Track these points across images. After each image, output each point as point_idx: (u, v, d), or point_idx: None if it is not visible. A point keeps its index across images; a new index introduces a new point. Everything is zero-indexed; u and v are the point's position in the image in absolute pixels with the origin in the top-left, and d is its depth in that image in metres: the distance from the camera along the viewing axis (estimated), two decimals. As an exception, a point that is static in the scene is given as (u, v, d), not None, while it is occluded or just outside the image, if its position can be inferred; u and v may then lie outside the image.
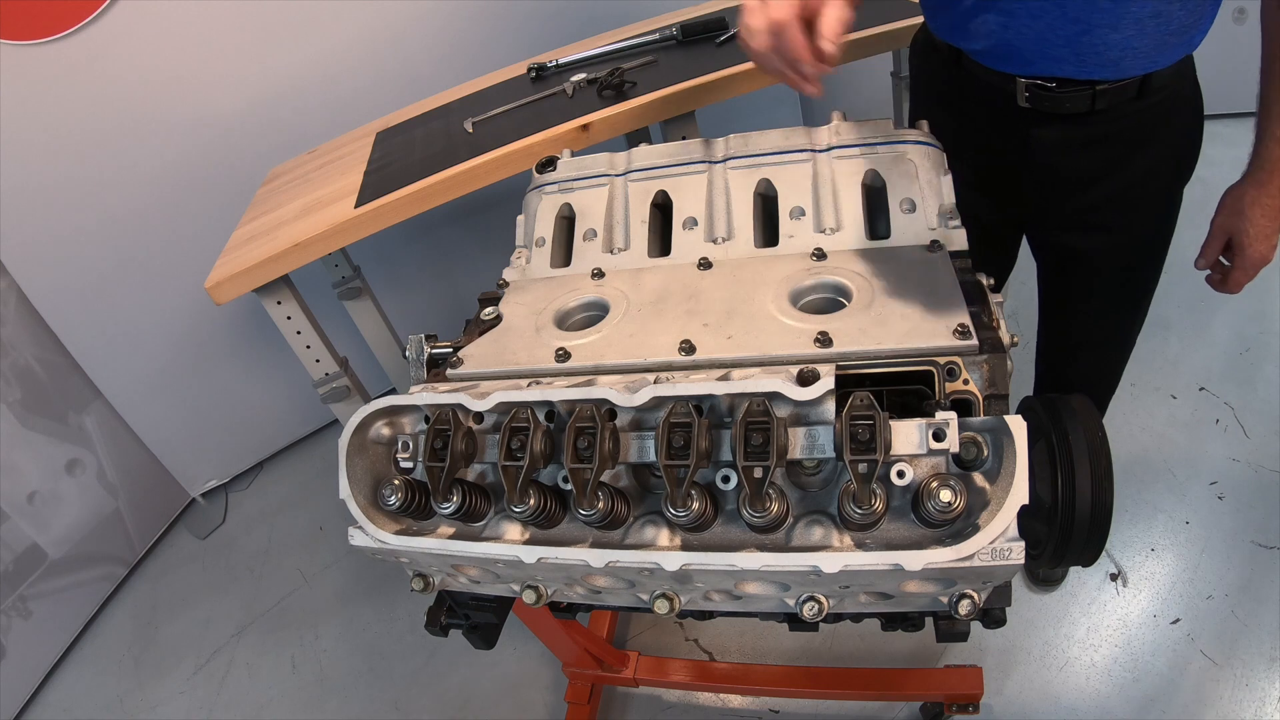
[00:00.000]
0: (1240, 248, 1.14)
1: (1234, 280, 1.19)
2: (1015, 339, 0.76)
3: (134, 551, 2.57)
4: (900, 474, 0.63)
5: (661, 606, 0.69)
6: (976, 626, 0.77)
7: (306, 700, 2.03)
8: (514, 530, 0.74)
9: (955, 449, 0.61)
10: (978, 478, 0.63)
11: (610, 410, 0.69)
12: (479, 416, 0.74)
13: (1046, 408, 0.72)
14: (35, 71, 1.97)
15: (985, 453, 0.63)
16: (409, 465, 0.77)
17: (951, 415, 0.62)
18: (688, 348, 0.79)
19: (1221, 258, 1.21)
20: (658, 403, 0.67)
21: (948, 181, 0.92)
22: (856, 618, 0.81)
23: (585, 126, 1.55)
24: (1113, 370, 1.49)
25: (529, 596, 0.74)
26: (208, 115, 2.19)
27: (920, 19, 1.26)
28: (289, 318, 1.66)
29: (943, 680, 1.57)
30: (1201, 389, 2.13)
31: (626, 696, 1.83)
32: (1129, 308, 1.37)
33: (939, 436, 0.61)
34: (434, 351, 0.92)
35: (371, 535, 0.74)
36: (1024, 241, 1.41)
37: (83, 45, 1.98)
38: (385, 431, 0.79)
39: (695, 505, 0.66)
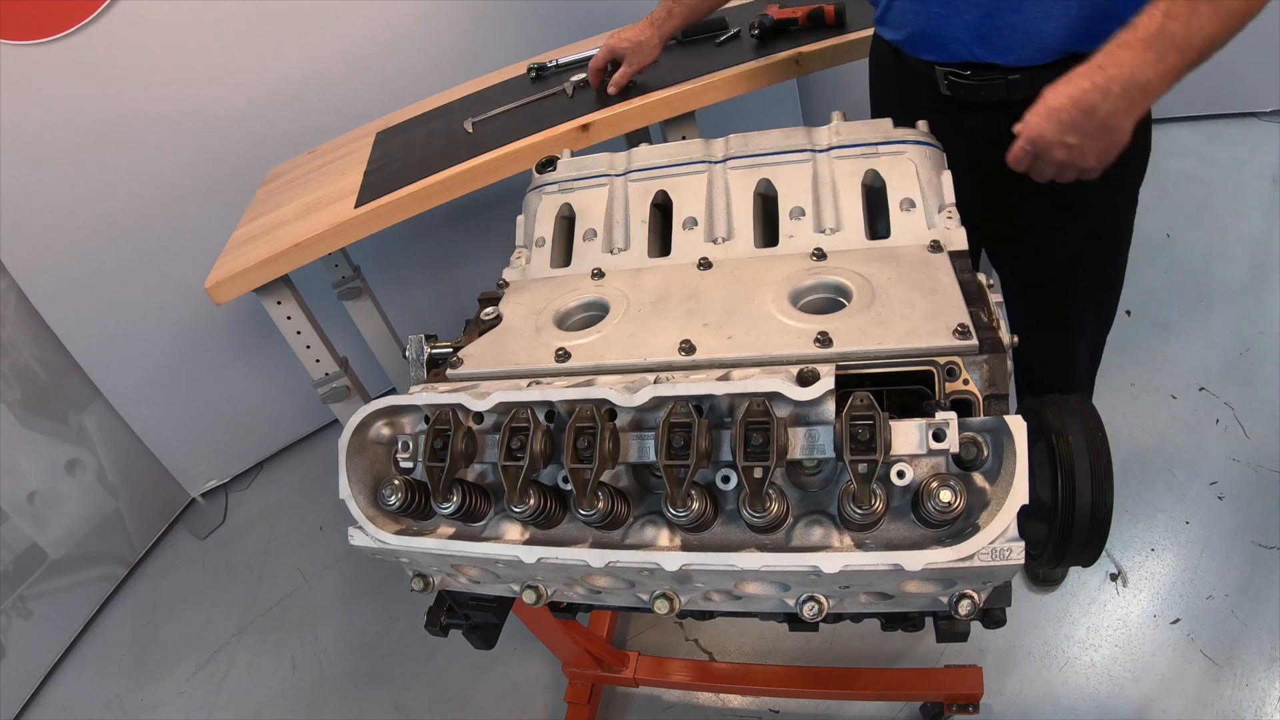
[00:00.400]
0: (1031, 109, 0.96)
1: (1014, 146, 0.99)
2: (1015, 339, 0.76)
3: (134, 551, 2.57)
4: (900, 474, 0.63)
5: (661, 606, 0.69)
6: (976, 626, 0.77)
7: (306, 700, 2.03)
8: (514, 530, 0.74)
9: (955, 449, 0.61)
10: (978, 478, 0.63)
11: (610, 410, 0.69)
12: (479, 416, 0.74)
13: (1046, 408, 0.72)
14: (35, 71, 1.97)
15: (985, 453, 0.63)
16: (409, 465, 0.77)
17: (951, 415, 0.62)
18: (688, 348, 0.78)
19: None
20: (658, 403, 0.67)
21: (948, 181, 0.92)
22: (856, 618, 0.81)
23: (585, 126, 1.55)
24: (1075, 369, 1.46)
25: (529, 596, 0.74)
26: (208, 115, 2.18)
27: None
28: (289, 318, 1.66)
29: (943, 680, 1.57)
30: (1201, 389, 2.13)
31: (626, 696, 1.83)
32: (1086, 308, 1.35)
33: (939, 436, 0.61)
34: (434, 351, 0.92)
35: (371, 535, 0.74)
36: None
37: (83, 45, 1.97)
38: (385, 431, 0.79)
39: (695, 505, 0.66)
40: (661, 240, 1.00)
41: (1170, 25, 0.87)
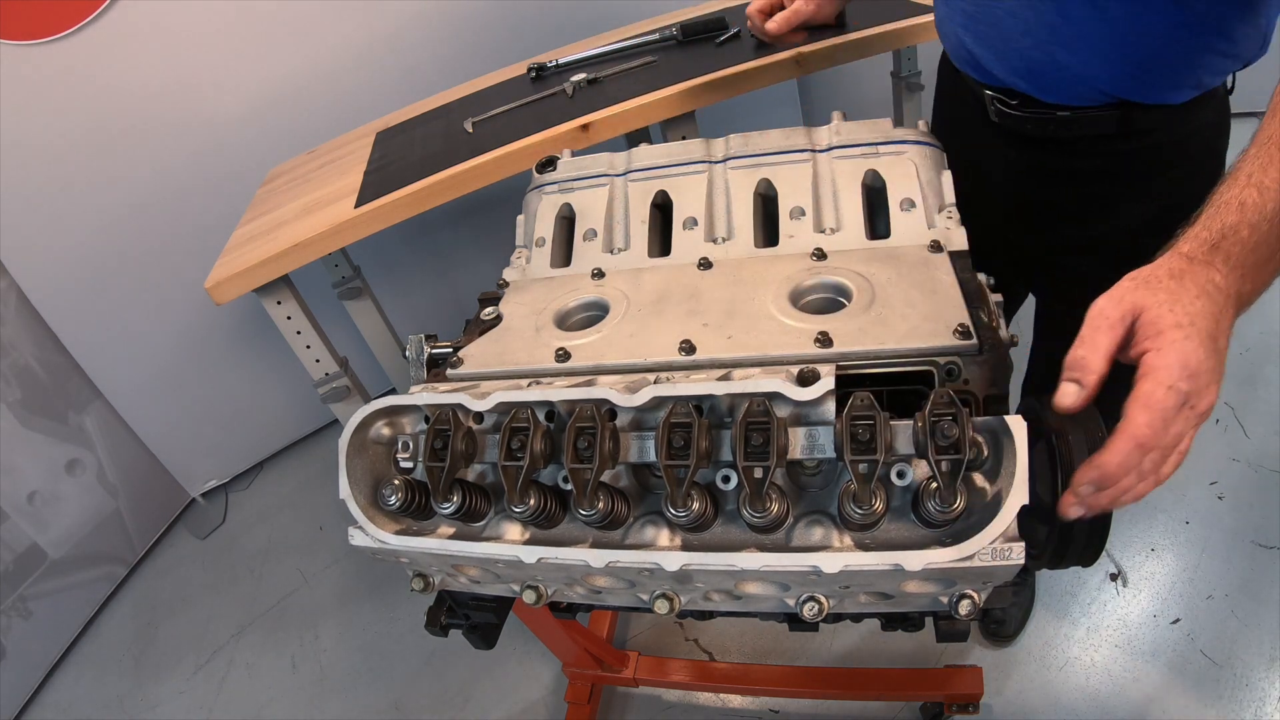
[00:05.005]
0: (1151, 334, 0.60)
1: (1126, 436, 0.58)
2: (1015, 339, 0.76)
3: (134, 551, 2.57)
4: (900, 474, 0.63)
5: (661, 606, 0.69)
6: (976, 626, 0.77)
7: (306, 700, 2.03)
8: (514, 530, 0.74)
9: (955, 449, 0.61)
10: (978, 478, 0.63)
11: (610, 410, 0.69)
12: (479, 416, 0.74)
13: (1047, 408, 0.72)
14: (35, 71, 1.96)
15: (985, 453, 0.63)
16: (409, 465, 0.77)
17: (951, 415, 0.61)
18: (688, 348, 0.78)
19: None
20: (658, 403, 0.67)
21: (948, 181, 0.92)
22: (856, 618, 0.81)
23: (585, 126, 1.55)
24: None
25: (529, 596, 0.74)
26: (208, 115, 2.18)
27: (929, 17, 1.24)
28: (289, 318, 1.66)
29: (943, 680, 1.57)
30: (1201, 389, 2.13)
31: (626, 696, 1.83)
32: None
33: (939, 437, 0.61)
34: (434, 351, 0.92)
35: (371, 535, 0.74)
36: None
37: (83, 45, 1.97)
38: (385, 431, 0.79)
39: (695, 505, 0.66)
40: (661, 240, 1.00)
41: None
